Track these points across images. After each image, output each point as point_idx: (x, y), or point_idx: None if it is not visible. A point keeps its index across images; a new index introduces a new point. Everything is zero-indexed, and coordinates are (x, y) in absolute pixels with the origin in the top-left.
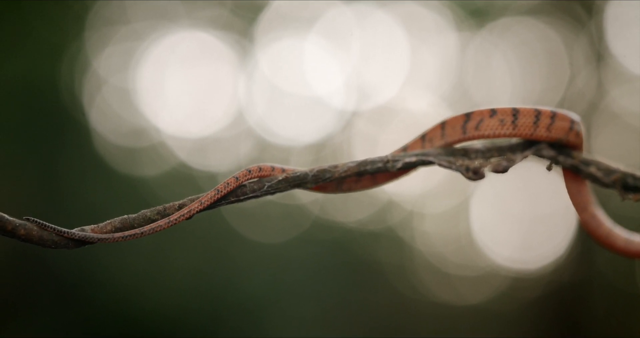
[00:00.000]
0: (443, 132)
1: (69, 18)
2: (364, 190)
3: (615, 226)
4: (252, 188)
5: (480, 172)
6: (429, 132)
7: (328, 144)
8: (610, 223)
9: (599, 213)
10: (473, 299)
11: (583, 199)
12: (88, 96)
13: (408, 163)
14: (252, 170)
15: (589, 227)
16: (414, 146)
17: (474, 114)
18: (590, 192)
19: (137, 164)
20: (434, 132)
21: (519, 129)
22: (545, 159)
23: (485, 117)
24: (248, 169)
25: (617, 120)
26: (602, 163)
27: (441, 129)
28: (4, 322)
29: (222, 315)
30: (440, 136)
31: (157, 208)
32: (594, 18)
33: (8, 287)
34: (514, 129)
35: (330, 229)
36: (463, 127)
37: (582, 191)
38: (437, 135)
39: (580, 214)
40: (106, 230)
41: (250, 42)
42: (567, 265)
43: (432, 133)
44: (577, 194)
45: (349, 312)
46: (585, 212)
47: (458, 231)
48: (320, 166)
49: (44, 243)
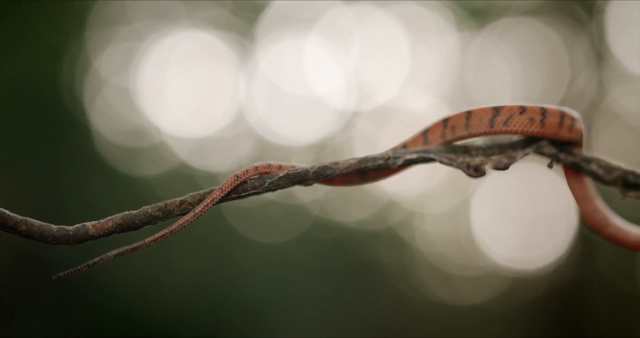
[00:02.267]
0: (468, 122)
1: (69, 18)
2: (388, 177)
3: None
4: (253, 184)
5: (481, 169)
6: (453, 118)
7: (328, 144)
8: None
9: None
10: (473, 299)
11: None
12: (89, 96)
13: (409, 160)
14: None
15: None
16: (434, 130)
17: (503, 109)
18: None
19: (138, 163)
20: (458, 120)
21: (546, 128)
22: (546, 157)
23: (515, 113)
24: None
25: (617, 121)
26: (603, 160)
27: (466, 119)
28: (5, 323)
29: (223, 314)
30: (464, 125)
31: (159, 204)
32: (594, 18)
33: (9, 287)
34: (542, 127)
35: (330, 229)
36: (491, 121)
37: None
38: (460, 123)
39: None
40: (107, 226)
41: (251, 42)
42: (567, 266)
43: (456, 120)
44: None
45: (349, 312)
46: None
47: (458, 231)
48: (321, 163)
49: (45, 240)
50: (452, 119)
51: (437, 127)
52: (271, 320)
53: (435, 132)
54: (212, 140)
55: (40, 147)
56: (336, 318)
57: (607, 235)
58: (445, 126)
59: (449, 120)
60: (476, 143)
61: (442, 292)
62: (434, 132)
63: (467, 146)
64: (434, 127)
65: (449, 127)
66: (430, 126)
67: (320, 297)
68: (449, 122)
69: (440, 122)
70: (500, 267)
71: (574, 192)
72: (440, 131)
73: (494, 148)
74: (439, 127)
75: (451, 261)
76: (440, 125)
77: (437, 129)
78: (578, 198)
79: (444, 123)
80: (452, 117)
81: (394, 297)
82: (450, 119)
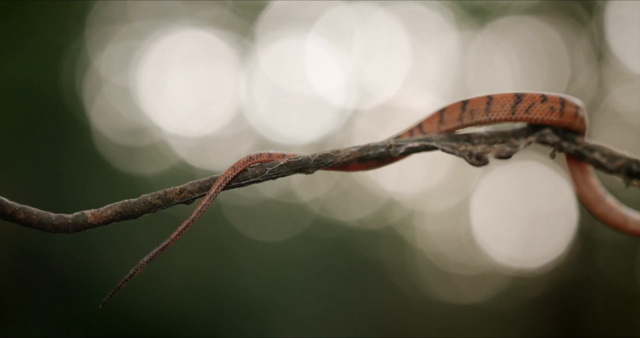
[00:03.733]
0: (489, 107)
1: (69, 17)
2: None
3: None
4: (254, 173)
5: (483, 157)
6: (473, 102)
7: (329, 142)
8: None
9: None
10: (473, 298)
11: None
12: (89, 95)
13: (411, 148)
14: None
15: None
16: (451, 111)
17: (525, 96)
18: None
19: (138, 162)
20: (478, 104)
21: (564, 118)
22: (549, 146)
23: (537, 101)
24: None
25: (617, 120)
26: (607, 148)
27: (487, 103)
28: (3, 322)
29: (223, 313)
30: (484, 110)
31: (158, 192)
32: (594, 17)
33: (8, 286)
34: (560, 116)
35: (331, 228)
36: (513, 108)
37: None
38: (481, 108)
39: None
40: (106, 214)
41: (251, 41)
42: (567, 264)
43: (475, 104)
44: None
45: (349, 311)
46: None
47: (458, 230)
48: (322, 151)
49: (44, 228)
50: (471, 102)
51: (455, 109)
52: (271, 318)
53: (452, 113)
54: (213, 139)
55: (41, 146)
56: (336, 317)
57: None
58: (463, 109)
59: (469, 103)
60: (478, 131)
61: (442, 290)
62: (451, 113)
63: (470, 134)
64: (452, 108)
65: (468, 111)
66: (448, 106)
67: (321, 295)
68: (468, 106)
69: (459, 103)
70: (500, 265)
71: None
72: (458, 113)
73: (497, 136)
74: (456, 109)
75: (451, 260)
76: (459, 107)
77: (454, 110)
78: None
79: (463, 105)
80: (472, 101)
81: (395, 295)
82: (470, 102)
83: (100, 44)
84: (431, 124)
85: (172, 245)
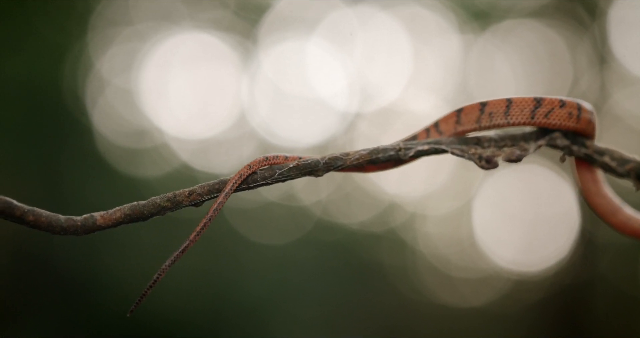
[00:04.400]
0: (508, 110)
1: (72, 19)
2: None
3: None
4: (263, 175)
5: (493, 160)
6: (492, 104)
7: (331, 145)
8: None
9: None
10: (475, 301)
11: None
12: (91, 97)
13: (420, 151)
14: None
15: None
16: (469, 112)
17: (544, 101)
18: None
19: (140, 165)
20: (497, 107)
21: (580, 123)
22: (559, 149)
23: (556, 106)
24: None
25: (620, 123)
26: (616, 152)
27: (506, 107)
28: (6, 322)
29: (225, 316)
30: (503, 113)
31: (167, 195)
32: (597, 20)
33: (11, 287)
34: (577, 122)
35: (332, 231)
36: (532, 112)
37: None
38: (500, 111)
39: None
40: (115, 216)
41: (253, 44)
42: (569, 268)
43: (494, 107)
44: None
45: (351, 314)
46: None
47: (460, 233)
48: (332, 154)
49: (53, 230)
50: (490, 104)
51: (473, 110)
52: (273, 320)
53: (470, 115)
54: (215, 142)
55: (42, 147)
56: (338, 319)
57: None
58: (482, 111)
59: (487, 105)
60: (488, 134)
61: (444, 293)
62: (469, 114)
63: (479, 138)
64: (469, 109)
65: (487, 113)
66: (465, 107)
67: (322, 298)
68: (486, 108)
69: (477, 105)
70: (502, 269)
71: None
72: (476, 115)
73: (506, 140)
74: (474, 111)
75: (453, 263)
76: (477, 109)
77: (472, 111)
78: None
79: (481, 107)
80: (491, 103)
81: (396, 298)
82: (489, 104)
83: (103, 45)
84: (447, 123)
85: (191, 246)
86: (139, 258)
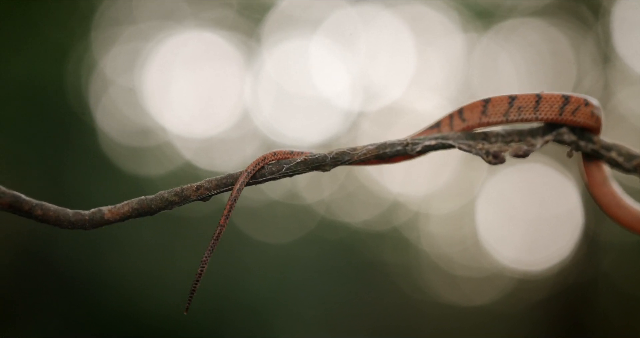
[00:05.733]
0: (537, 105)
1: (75, 18)
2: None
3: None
4: (271, 170)
5: (500, 156)
6: (521, 98)
7: (334, 144)
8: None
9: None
10: (478, 300)
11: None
12: (94, 96)
13: (428, 146)
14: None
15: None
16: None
17: (572, 99)
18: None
19: (143, 163)
20: (526, 101)
21: (597, 122)
22: (566, 145)
23: (582, 104)
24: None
25: (623, 122)
26: (624, 147)
27: (536, 102)
28: (8, 322)
29: (227, 314)
30: (532, 108)
31: (175, 189)
32: (600, 19)
33: (12, 286)
34: (595, 121)
35: (336, 230)
36: (561, 109)
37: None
38: (529, 106)
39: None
40: (123, 211)
41: (257, 43)
42: (572, 267)
43: (524, 101)
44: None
45: (354, 313)
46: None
47: (464, 232)
48: (339, 149)
49: (61, 224)
50: (520, 98)
51: (501, 103)
52: (276, 320)
53: (498, 107)
54: (218, 141)
55: (46, 146)
56: (341, 319)
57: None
58: (511, 105)
59: (517, 99)
60: (495, 130)
61: (447, 292)
62: (497, 106)
63: (487, 133)
64: (497, 101)
65: (516, 107)
66: (493, 98)
67: (325, 297)
68: (516, 102)
69: (505, 98)
70: (505, 268)
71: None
72: (504, 108)
73: (514, 135)
74: (503, 103)
75: (456, 262)
76: (505, 102)
77: (500, 103)
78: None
79: (510, 101)
80: (520, 97)
81: (399, 297)
82: (518, 98)
83: (106, 45)
84: (472, 112)
85: (223, 231)
86: (141, 258)
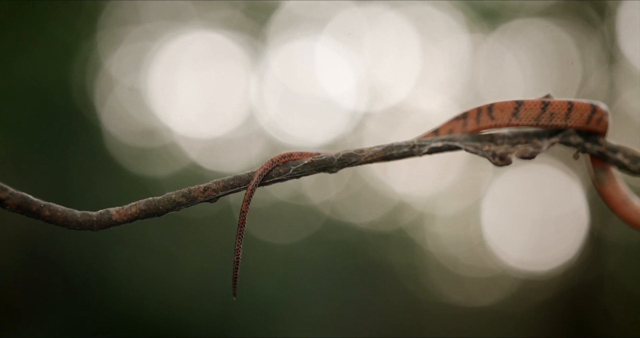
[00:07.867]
0: (569, 113)
1: (81, 18)
2: None
3: None
4: (278, 171)
5: (507, 157)
6: (554, 105)
7: (339, 145)
8: None
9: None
10: (484, 301)
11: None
12: (100, 96)
13: (434, 148)
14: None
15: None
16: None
17: (598, 108)
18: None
19: (149, 164)
20: (559, 108)
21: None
22: (572, 147)
23: (604, 115)
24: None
25: (629, 122)
26: (630, 149)
27: (568, 110)
28: (14, 322)
29: (232, 314)
30: (564, 115)
31: (182, 190)
32: (606, 19)
33: (17, 287)
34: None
35: (341, 230)
36: (589, 117)
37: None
38: (561, 113)
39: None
40: (131, 212)
41: (262, 43)
42: (578, 267)
43: (556, 108)
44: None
45: (359, 313)
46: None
47: (469, 233)
48: (346, 150)
49: (69, 225)
50: (553, 105)
51: (534, 107)
52: (281, 320)
53: (530, 111)
54: (223, 141)
55: (51, 147)
56: (346, 318)
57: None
58: (544, 110)
59: (550, 105)
60: (502, 132)
61: (452, 293)
62: (529, 110)
63: (493, 135)
64: (530, 105)
65: (548, 113)
66: (526, 102)
67: (331, 297)
68: (549, 108)
69: (539, 103)
70: (510, 268)
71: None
72: (537, 113)
73: (520, 137)
74: (535, 108)
75: (462, 262)
76: (538, 107)
77: (533, 108)
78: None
79: (543, 106)
80: (554, 103)
81: (404, 297)
82: (552, 104)
83: (112, 45)
84: (503, 112)
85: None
86: (146, 258)
